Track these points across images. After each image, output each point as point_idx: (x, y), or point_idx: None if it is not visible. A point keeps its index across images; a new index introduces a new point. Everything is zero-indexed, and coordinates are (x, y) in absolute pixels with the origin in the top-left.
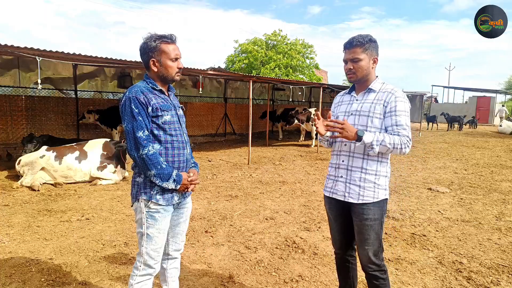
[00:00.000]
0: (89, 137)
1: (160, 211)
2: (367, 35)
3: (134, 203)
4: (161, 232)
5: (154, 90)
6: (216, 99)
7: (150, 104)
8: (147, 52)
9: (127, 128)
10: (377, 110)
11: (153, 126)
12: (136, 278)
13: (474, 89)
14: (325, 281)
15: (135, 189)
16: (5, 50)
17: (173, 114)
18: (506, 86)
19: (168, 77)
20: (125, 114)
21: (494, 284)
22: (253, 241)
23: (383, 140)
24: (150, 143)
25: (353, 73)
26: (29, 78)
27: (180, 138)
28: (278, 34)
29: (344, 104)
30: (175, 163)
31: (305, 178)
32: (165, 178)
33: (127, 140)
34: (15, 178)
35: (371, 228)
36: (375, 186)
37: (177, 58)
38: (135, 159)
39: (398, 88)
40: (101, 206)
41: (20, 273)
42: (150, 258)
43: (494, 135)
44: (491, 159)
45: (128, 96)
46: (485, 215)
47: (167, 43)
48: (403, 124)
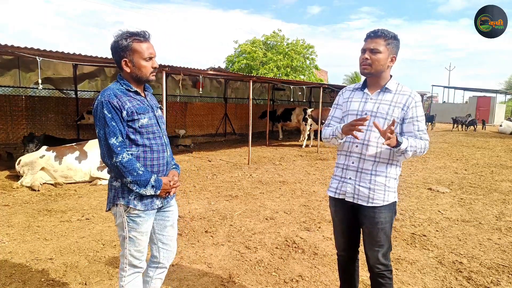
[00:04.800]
0: (89, 137)
1: (141, 215)
2: (394, 33)
3: (112, 207)
4: (143, 235)
5: (129, 91)
6: (216, 99)
7: (125, 108)
8: (118, 52)
9: (99, 134)
10: (395, 113)
11: (129, 131)
12: (125, 279)
13: (474, 89)
14: (325, 281)
15: (112, 193)
16: (5, 50)
17: (150, 116)
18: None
19: (143, 77)
20: (97, 119)
21: (494, 284)
22: (253, 241)
23: (415, 146)
24: (124, 150)
25: (369, 64)
26: (29, 78)
27: (159, 141)
28: (277, 35)
29: (356, 102)
30: (155, 167)
31: (305, 178)
32: (142, 184)
33: (100, 147)
34: (15, 178)
35: (382, 231)
36: (385, 188)
37: (151, 57)
38: (109, 167)
39: (415, 91)
40: (101, 206)
41: (20, 273)
42: (134, 259)
43: (494, 135)
44: (491, 159)
45: (100, 100)
46: (485, 215)
47: (139, 41)
48: (424, 129)
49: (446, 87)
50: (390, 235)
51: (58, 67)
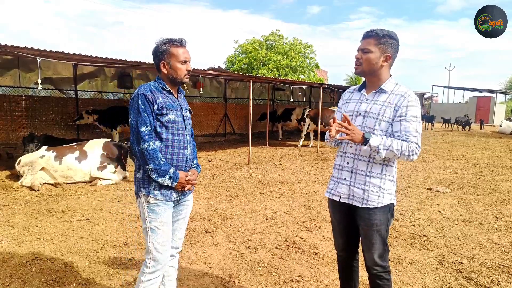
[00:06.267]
0: (89, 137)
1: (160, 204)
2: (389, 31)
3: (137, 199)
4: (164, 225)
5: (163, 90)
6: (216, 99)
7: (156, 102)
8: (158, 55)
9: (132, 122)
10: (386, 113)
11: (157, 124)
12: (146, 276)
13: (474, 89)
14: (325, 281)
15: (136, 186)
16: (5, 50)
17: (178, 114)
18: (506, 86)
19: (177, 79)
20: (132, 109)
21: (494, 284)
22: (253, 241)
23: (390, 145)
24: (152, 139)
25: (359, 63)
26: (29, 78)
27: (181, 138)
28: (276, 34)
29: (353, 103)
30: (174, 161)
31: (305, 178)
32: (161, 173)
33: (131, 134)
34: (15, 178)
35: (377, 233)
36: (380, 190)
37: (186, 61)
38: (135, 152)
39: (411, 91)
40: (101, 206)
41: (20, 273)
42: (158, 253)
43: (494, 135)
44: (491, 159)
45: (137, 93)
46: (485, 215)
47: (176, 46)
48: (412, 131)
49: (446, 87)
50: (386, 237)
51: (58, 67)
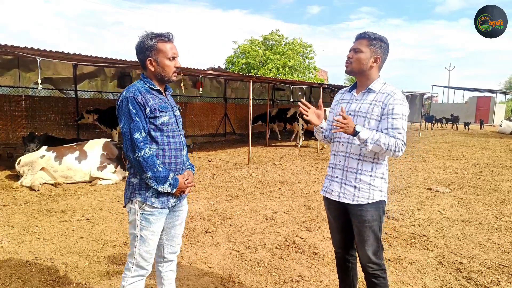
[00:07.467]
0: (89, 137)
1: (155, 213)
2: (381, 35)
3: (128, 204)
4: (154, 234)
5: (152, 90)
6: (216, 99)
7: (148, 104)
8: (143, 51)
9: (123, 129)
10: (374, 111)
11: (151, 127)
12: (128, 280)
13: (474, 89)
14: (325, 281)
15: (129, 190)
16: (5, 50)
17: (171, 115)
18: (506, 86)
19: (165, 76)
20: (122, 114)
21: (494, 284)
22: (253, 241)
23: (378, 140)
24: (147, 145)
25: (350, 62)
26: (29, 78)
27: (177, 140)
28: (276, 34)
29: (344, 103)
30: (172, 165)
31: (305, 178)
32: (161, 181)
33: (124, 141)
34: (15, 178)
35: (369, 229)
36: (370, 187)
37: (175, 57)
38: (131, 161)
39: (398, 90)
40: (101, 206)
41: (20, 273)
42: (142, 260)
43: (494, 135)
44: (491, 159)
45: (125, 96)
46: (485, 215)
47: (164, 41)
48: (399, 128)
49: (446, 87)
50: (380, 235)
51: (58, 67)
